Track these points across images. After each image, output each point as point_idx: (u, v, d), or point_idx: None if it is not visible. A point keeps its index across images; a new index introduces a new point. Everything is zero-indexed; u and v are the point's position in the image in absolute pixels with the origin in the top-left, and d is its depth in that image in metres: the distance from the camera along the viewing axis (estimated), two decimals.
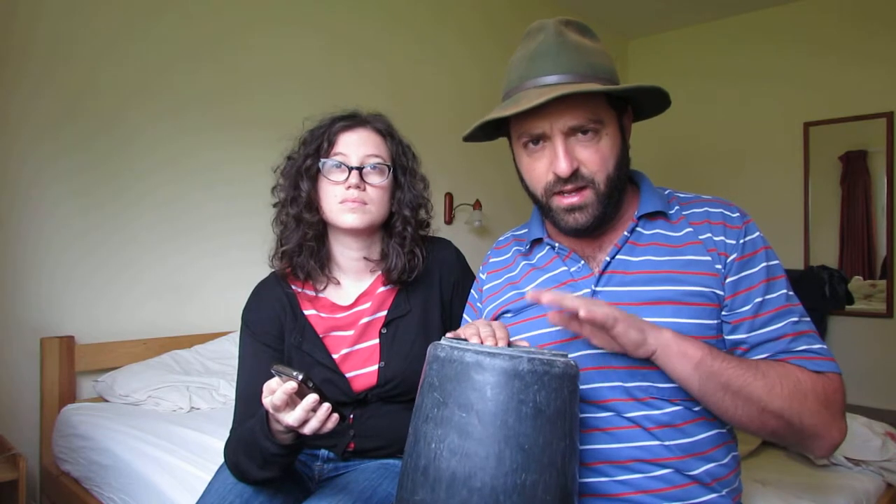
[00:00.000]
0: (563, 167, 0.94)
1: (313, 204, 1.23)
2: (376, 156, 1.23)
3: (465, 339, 0.87)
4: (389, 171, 1.24)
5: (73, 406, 2.09)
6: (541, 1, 3.92)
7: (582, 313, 0.82)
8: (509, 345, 0.89)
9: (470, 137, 1.08)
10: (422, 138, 1.44)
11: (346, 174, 1.20)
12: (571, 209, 0.97)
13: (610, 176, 0.97)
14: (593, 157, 0.95)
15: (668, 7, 4.22)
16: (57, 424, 2.05)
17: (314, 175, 1.23)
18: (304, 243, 1.24)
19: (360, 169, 1.21)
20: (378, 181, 1.23)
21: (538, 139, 0.97)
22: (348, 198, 1.19)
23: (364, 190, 1.21)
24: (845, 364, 0.97)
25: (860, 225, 3.86)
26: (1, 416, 2.06)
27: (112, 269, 2.29)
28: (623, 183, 1.00)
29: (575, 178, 0.95)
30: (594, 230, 1.01)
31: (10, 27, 2.08)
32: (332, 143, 1.22)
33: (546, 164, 0.97)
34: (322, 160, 1.22)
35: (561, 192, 0.97)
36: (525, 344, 0.93)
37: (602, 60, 0.97)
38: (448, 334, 0.91)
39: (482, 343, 0.86)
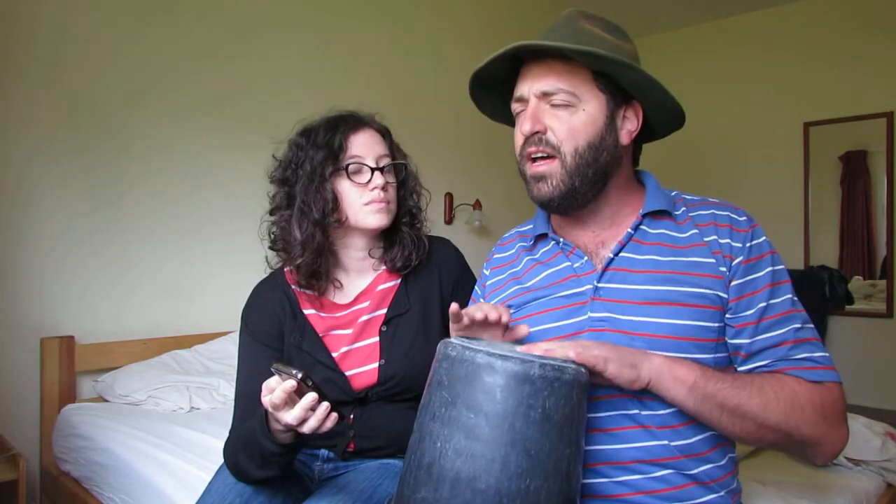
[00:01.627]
0: (526, 126, 0.98)
1: (338, 207, 1.22)
2: (386, 155, 1.25)
3: (471, 318, 0.90)
4: (405, 168, 1.29)
5: (73, 406, 2.09)
6: (539, 3, 3.92)
7: (573, 357, 0.81)
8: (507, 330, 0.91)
9: (488, 113, 1.15)
10: (422, 139, 1.44)
11: (369, 175, 1.22)
12: (537, 177, 1.00)
13: (578, 150, 0.97)
14: (561, 126, 0.97)
15: (668, 7, 4.22)
16: (57, 424, 2.05)
17: (333, 181, 1.22)
18: (321, 257, 1.22)
19: (381, 170, 1.22)
20: (393, 180, 1.26)
21: (521, 104, 1.01)
22: (375, 199, 1.21)
23: (387, 190, 1.23)
24: (845, 364, 0.97)
25: (860, 225, 3.86)
26: (1, 416, 2.06)
27: (112, 270, 2.30)
28: (598, 170, 0.98)
29: (540, 142, 0.98)
30: (566, 209, 1.02)
31: (12, 30, 2.08)
32: (344, 147, 1.21)
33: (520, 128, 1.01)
34: (346, 162, 1.21)
35: (532, 159, 1.00)
36: (539, 351, 0.92)
37: (606, 46, 0.96)
38: (452, 307, 0.91)
39: (487, 318, 0.89)
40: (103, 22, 2.27)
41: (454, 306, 0.92)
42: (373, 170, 1.22)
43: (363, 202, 1.21)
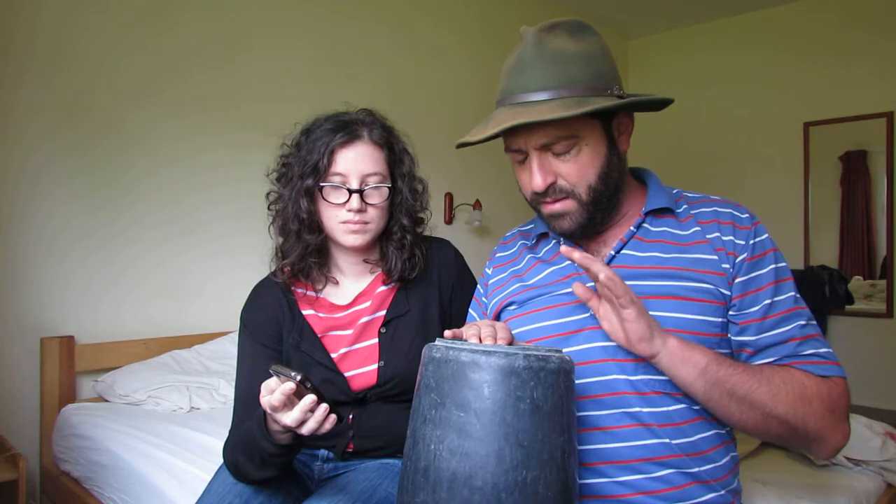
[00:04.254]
0: (538, 183, 0.96)
1: (315, 223, 1.22)
2: (376, 173, 1.20)
3: (465, 340, 0.87)
4: (390, 190, 1.23)
5: (73, 406, 2.09)
6: (539, 2, 3.92)
7: (602, 277, 0.83)
8: (510, 345, 0.89)
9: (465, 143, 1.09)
10: (421, 140, 1.44)
11: (347, 197, 1.19)
12: (553, 216, 1.00)
13: (591, 186, 0.96)
14: (570, 169, 0.96)
15: (668, 7, 4.22)
16: (57, 424, 2.05)
17: (314, 195, 1.21)
18: (306, 256, 1.24)
19: (360, 192, 1.18)
20: (378, 201, 1.21)
21: (518, 153, 0.98)
22: (350, 220, 1.18)
23: (365, 211, 1.19)
24: (845, 364, 0.97)
25: (860, 225, 3.86)
26: (1, 416, 2.06)
27: (112, 270, 2.30)
28: (612, 190, 0.99)
29: (553, 191, 0.97)
30: (585, 234, 1.01)
31: (13, 30, 2.08)
32: (330, 162, 1.18)
33: (528, 176, 0.98)
34: (321, 184, 1.19)
35: (544, 201, 0.99)
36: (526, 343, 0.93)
37: (585, 67, 0.93)
38: (446, 333, 0.90)
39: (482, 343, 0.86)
40: (103, 22, 2.27)
41: (447, 333, 0.90)
42: (351, 192, 1.18)
43: (339, 221, 1.19)
